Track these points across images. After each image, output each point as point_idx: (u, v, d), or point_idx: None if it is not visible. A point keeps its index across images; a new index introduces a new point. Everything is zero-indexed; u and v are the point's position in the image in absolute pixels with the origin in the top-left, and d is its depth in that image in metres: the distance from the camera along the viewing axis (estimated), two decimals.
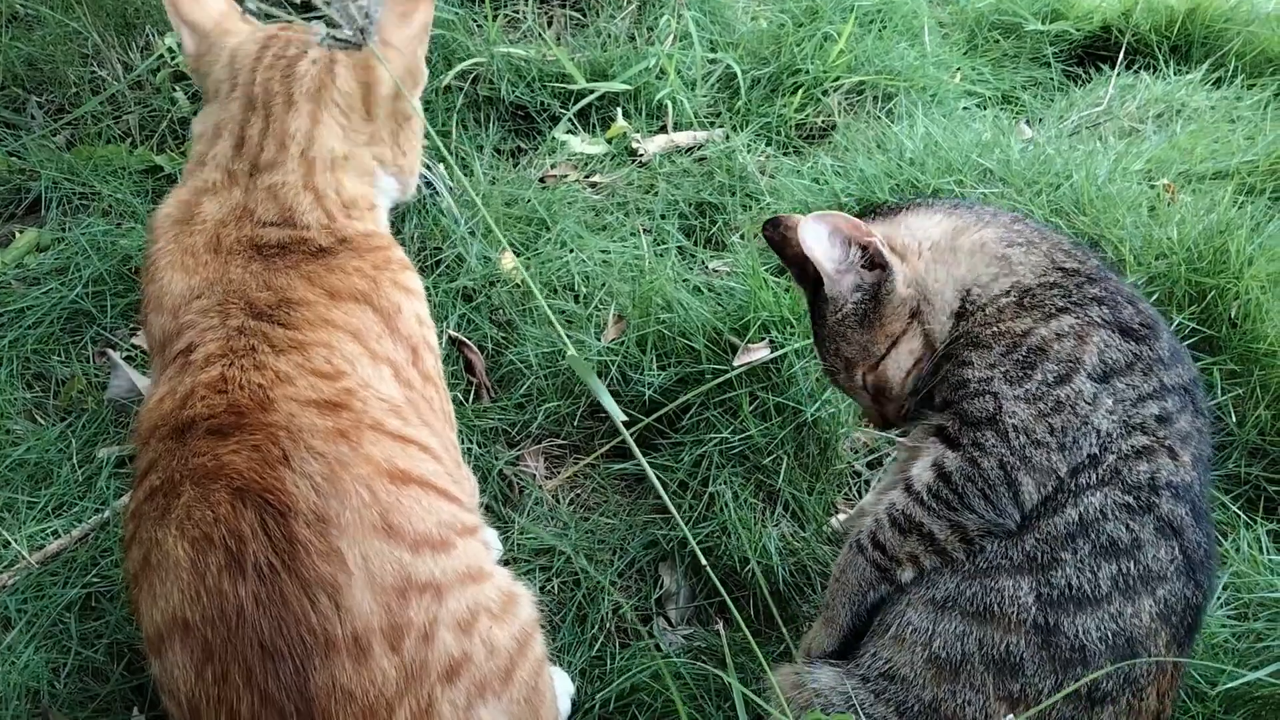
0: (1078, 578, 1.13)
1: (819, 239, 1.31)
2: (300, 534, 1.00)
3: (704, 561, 1.00)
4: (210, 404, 1.10)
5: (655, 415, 1.85)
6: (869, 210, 1.46)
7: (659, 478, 1.83)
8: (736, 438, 1.82)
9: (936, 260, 1.32)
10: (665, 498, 0.99)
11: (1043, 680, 1.12)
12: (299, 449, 1.05)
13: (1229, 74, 2.70)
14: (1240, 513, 1.72)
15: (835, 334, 1.36)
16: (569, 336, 2.01)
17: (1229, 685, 1.38)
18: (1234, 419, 1.80)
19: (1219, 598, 1.57)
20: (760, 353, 1.86)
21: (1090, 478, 1.15)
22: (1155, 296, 1.87)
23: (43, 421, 1.93)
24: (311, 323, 1.20)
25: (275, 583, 0.98)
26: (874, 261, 1.32)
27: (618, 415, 0.95)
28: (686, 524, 1.77)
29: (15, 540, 1.70)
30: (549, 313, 1.01)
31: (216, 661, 0.97)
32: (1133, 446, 1.16)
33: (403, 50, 1.43)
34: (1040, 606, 1.13)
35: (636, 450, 0.95)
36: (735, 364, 1.85)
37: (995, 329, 1.24)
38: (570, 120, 2.51)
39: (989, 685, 1.14)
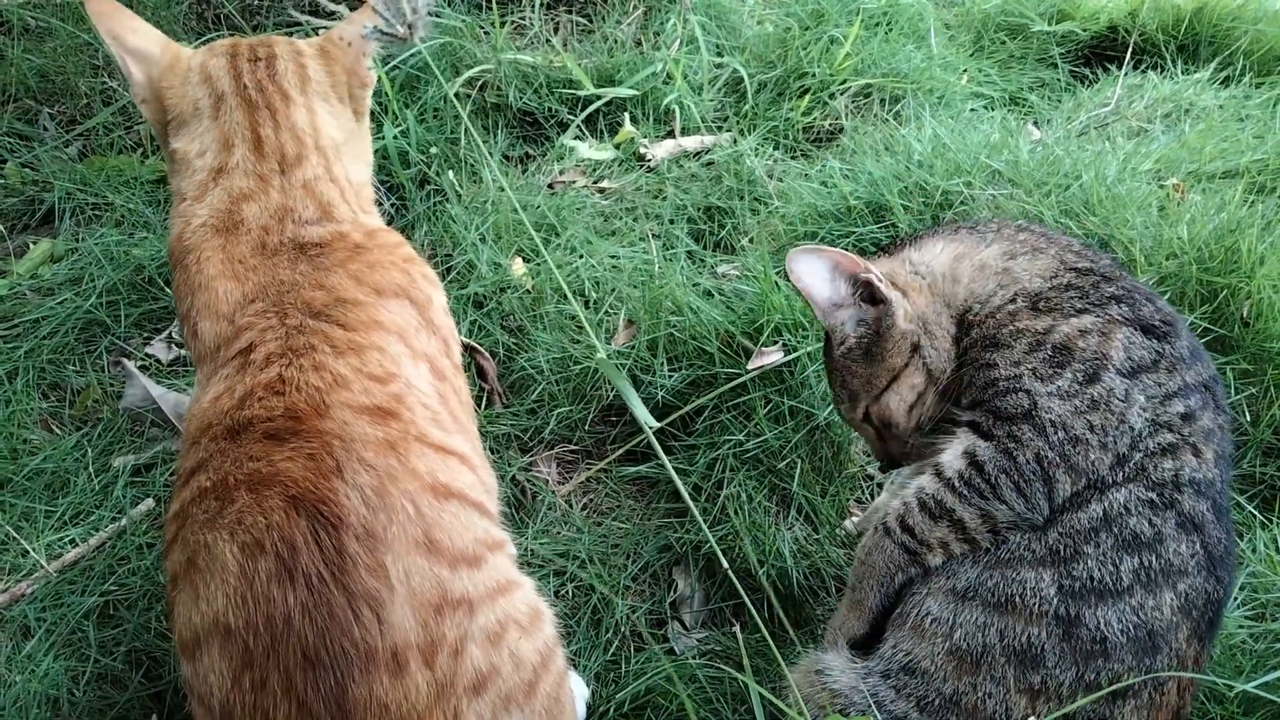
0: (1099, 570, 1.13)
1: (810, 273, 1.34)
2: (350, 547, 1.01)
3: (724, 563, 1.00)
4: (268, 406, 1.11)
5: (669, 419, 1.85)
6: (880, 248, 1.49)
7: (668, 485, 1.84)
8: (750, 441, 1.82)
9: (935, 293, 1.34)
10: (689, 502, 0.99)
11: (1063, 672, 1.13)
12: (351, 460, 1.06)
13: (1237, 73, 2.70)
14: (1256, 512, 1.72)
15: (840, 367, 1.38)
16: (579, 342, 2.01)
17: (1247, 686, 1.38)
18: (1248, 418, 1.79)
19: (1237, 598, 1.56)
20: (774, 356, 1.86)
21: (1118, 474, 1.16)
22: (1167, 296, 1.87)
23: (59, 431, 1.95)
24: (366, 324, 1.22)
25: (324, 594, 0.99)
26: (874, 297, 1.34)
27: (648, 420, 0.95)
28: (700, 528, 1.77)
29: (33, 549, 1.71)
30: (580, 312, 1.01)
31: (256, 668, 0.98)
32: (1159, 444, 1.17)
33: (346, 50, 1.48)
34: (1062, 598, 1.14)
35: (664, 456, 0.95)
36: (749, 367, 1.86)
37: (1012, 328, 1.25)
38: (578, 126, 2.52)
39: (1010, 677, 1.14)
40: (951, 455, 1.24)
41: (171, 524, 1.11)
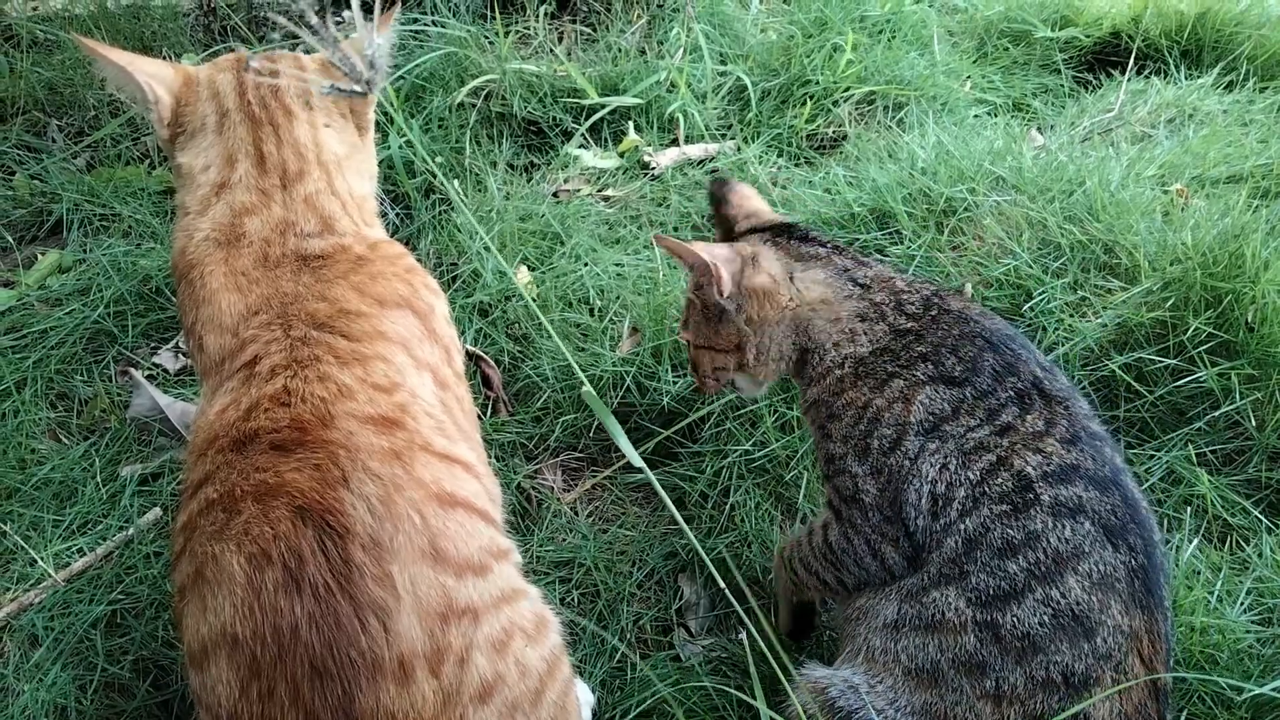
0: (991, 579, 1.19)
1: (688, 248, 1.46)
2: (356, 556, 1.01)
3: (719, 578, 1.00)
4: (273, 417, 1.11)
5: (675, 427, 1.85)
6: (801, 239, 1.51)
7: (674, 492, 1.84)
8: (758, 450, 1.82)
9: (797, 318, 1.43)
10: (678, 516, 0.99)
11: (1010, 672, 1.16)
12: (357, 470, 1.07)
13: (1240, 78, 2.70)
14: (1262, 517, 1.71)
15: (692, 300, 1.53)
16: (584, 350, 2.02)
17: (1255, 692, 1.37)
18: (1253, 424, 1.79)
19: (1242, 603, 1.56)
20: None
21: (952, 512, 1.23)
22: (1171, 302, 1.87)
23: (66, 441, 1.96)
24: (369, 335, 1.23)
25: (330, 603, 0.99)
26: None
27: (635, 459, 0.96)
28: (708, 534, 1.78)
29: (42, 559, 1.72)
30: (576, 339, 1.01)
31: (264, 678, 0.98)
32: (982, 467, 1.23)
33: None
34: (973, 607, 1.19)
35: (653, 478, 0.95)
36: None
37: (843, 399, 1.36)
38: (582, 135, 2.53)
39: (966, 686, 1.18)
40: (820, 524, 1.41)
41: (179, 536, 1.12)
